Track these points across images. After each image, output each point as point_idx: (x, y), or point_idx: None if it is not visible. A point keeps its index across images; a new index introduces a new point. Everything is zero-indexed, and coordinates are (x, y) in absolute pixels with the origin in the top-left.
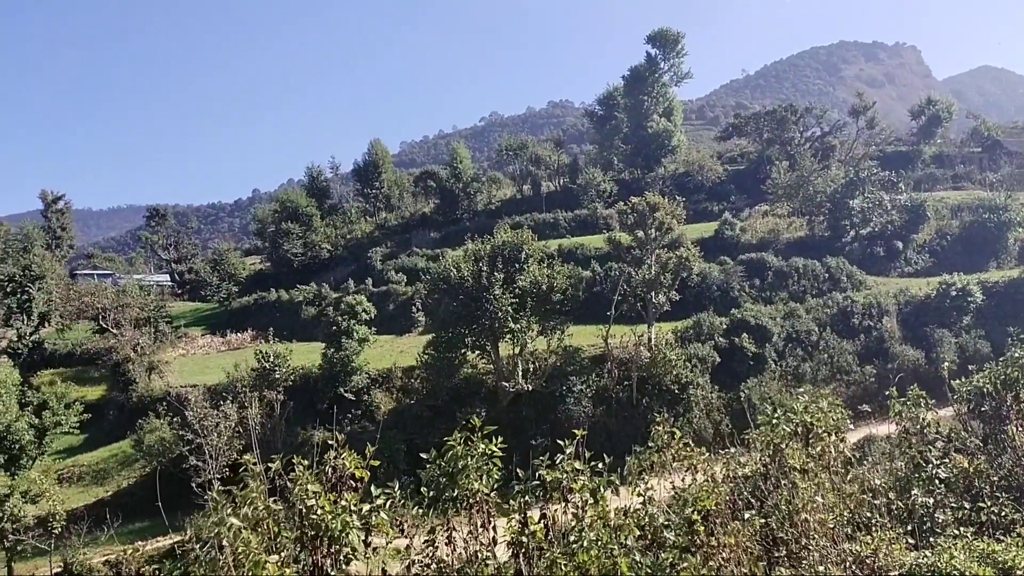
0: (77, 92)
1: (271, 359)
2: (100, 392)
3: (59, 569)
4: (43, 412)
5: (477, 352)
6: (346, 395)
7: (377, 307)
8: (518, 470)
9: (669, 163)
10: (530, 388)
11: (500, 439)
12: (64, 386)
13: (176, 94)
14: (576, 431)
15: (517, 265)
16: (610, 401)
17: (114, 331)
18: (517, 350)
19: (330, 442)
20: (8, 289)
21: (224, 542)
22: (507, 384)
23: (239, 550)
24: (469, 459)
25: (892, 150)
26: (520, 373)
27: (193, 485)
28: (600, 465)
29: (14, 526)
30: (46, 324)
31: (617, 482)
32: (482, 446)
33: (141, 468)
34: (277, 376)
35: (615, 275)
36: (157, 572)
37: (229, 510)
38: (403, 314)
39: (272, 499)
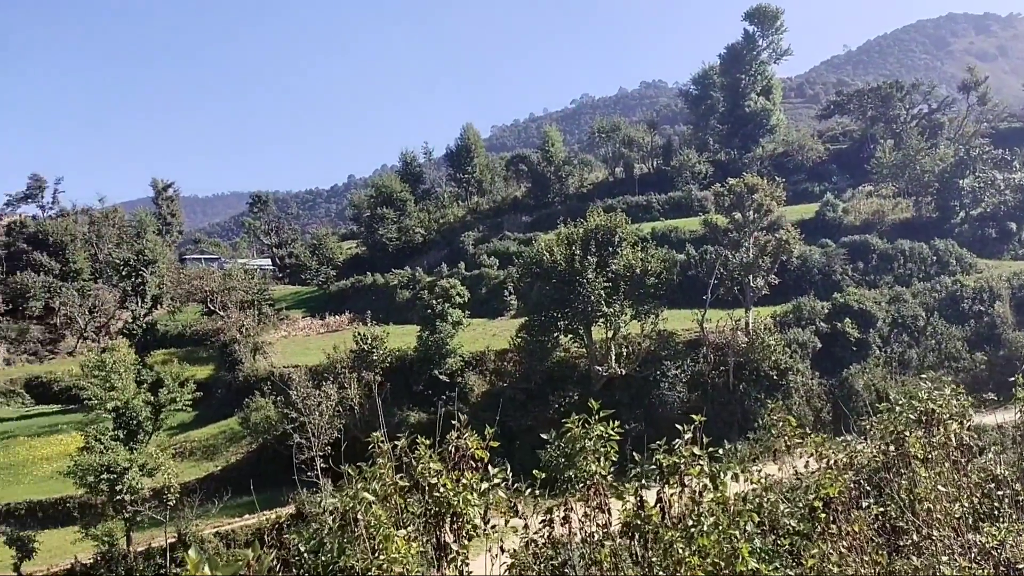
0: (182, 83)
1: (369, 341)
2: (208, 371)
3: (173, 539)
4: (158, 390)
5: (570, 336)
6: (440, 377)
7: (469, 291)
8: (634, 453)
9: (767, 143)
10: (623, 372)
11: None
12: (179, 366)
13: (274, 85)
14: (694, 416)
15: (610, 248)
16: (705, 386)
17: (221, 313)
18: (610, 334)
19: (452, 421)
20: (123, 273)
21: (359, 516)
22: (600, 368)
23: (371, 524)
24: (587, 441)
25: (1005, 127)
26: (613, 357)
27: (296, 461)
28: (720, 451)
29: (132, 497)
30: (158, 306)
31: (737, 469)
32: (599, 428)
33: (248, 444)
34: (375, 358)
35: (711, 258)
36: (294, 541)
37: (361, 485)
38: (495, 298)
39: (399, 476)
